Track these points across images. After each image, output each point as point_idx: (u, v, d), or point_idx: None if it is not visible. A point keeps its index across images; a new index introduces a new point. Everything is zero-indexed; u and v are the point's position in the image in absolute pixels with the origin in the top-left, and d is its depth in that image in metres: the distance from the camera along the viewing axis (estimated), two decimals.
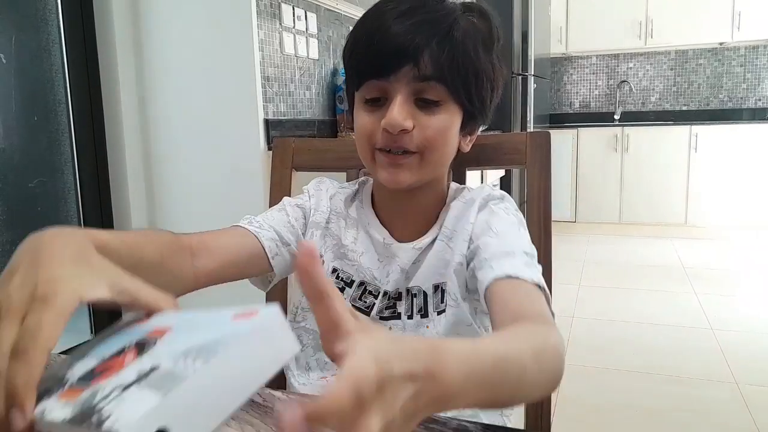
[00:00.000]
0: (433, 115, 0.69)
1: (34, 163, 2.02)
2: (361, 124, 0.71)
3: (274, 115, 2.13)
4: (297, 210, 0.81)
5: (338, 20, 2.62)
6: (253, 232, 0.74)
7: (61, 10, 2.04)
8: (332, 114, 2.57)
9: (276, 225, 0.77)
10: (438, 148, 0.70)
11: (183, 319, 0.42)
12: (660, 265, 3.79)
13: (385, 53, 0.67)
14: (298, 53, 2.30)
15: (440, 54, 0.66)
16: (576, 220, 4.86)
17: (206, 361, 0.32)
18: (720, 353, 2.35)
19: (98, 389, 0.34)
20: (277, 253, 0.76)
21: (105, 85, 2.17)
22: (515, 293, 0.62)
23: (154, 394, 0.31)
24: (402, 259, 0.76)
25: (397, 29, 0.66)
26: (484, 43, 0.71)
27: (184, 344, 0.35)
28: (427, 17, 0.67)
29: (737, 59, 4.89)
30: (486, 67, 0.71)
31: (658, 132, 4.60)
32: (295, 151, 0.98)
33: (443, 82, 0.67)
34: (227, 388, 0.32)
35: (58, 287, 0.38)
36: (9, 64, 1.91)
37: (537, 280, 0.63)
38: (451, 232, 0.75)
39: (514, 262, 0.64)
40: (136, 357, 0.37)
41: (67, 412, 0.34)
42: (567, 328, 2.65)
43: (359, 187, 0.83)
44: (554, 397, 0.99)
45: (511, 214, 0.73)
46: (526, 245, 0.69)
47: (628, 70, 5.22)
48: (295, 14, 2.26)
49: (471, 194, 0.77)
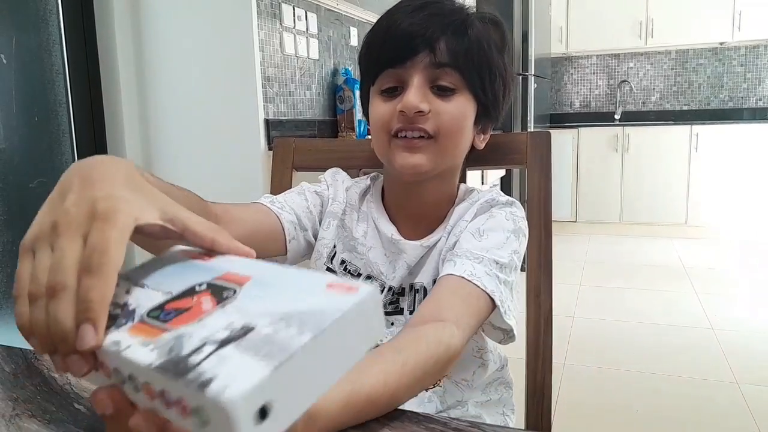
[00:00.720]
0: (449, 101, 0.70)
1: (34, 164, 2.02)
2: (377, 112, 0.72)
3: (275, 115, 2.13)
4: (316, 197, 0.81)
5: (339, 20, 2.62)
6: (275, 212, 0.75)
7: (62, 10, 2.04)
8: (333, 114, 2.57)
9: (296, 208, 0.78)
10: (453, 134, 0.71)
11: (262, 270, 0.37)
12: (660, 264, 3.79)
13: (401, 41, 0.69)
14: (298, 53, 2.30)
15: (456, 43, 0.68)
16: (576, 220, 4.86)
17: (314, 334, 0.29)
18: (720, 353, 2.35)
19: (182, 335, 0.31)
20: (294, 237, 0.76)
21: (105, 85, 2.17)
22: (452, 293, 0.64)
23: (259, 362, 0.28)
24: (409, 255, 0.76)
25: (413, 20, 0.69)
26: (497, 46, 0.73)
27: (277, 305, 0.32)
28: (442, 11, 0.70)
29: (738, 59, 4.88)
30: (499, 64, 0.73)
31: (658, 132, 4.60)
32: (295, 151, 0.98)
33: (458, 69, 0.69)
34: (327, 364, 0.30)
35: (118, 205, 0.35)
36: (9, 64, 1.92)
37: (489, 290, 0.64)
38: (452, 229, 0.75)
39: (478, 266, 0.66)
40: (217, 305, 0.34)
41: (152, 357, 0.30)
42: (567, 328, 2.65)
43: (371, 182, 0.84)
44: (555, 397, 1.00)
45: (510, 220, 0.73)
46: (504, 255, 0.68)
47: (628, 70, 5.22)
48: (295, 14, 2.26)
49: (479, 196, 0.77)
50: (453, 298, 0.63)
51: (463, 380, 0.78)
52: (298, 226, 0.77)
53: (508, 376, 0.86)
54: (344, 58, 2.68)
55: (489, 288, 0.64)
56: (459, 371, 0.78)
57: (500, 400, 0.85)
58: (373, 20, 3.16)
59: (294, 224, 0.76)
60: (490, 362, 0.80)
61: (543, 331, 0.84)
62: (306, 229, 0.78)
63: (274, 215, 0.74)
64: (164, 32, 2.14)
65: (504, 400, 0.85)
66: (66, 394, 0.53)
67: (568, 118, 5.32)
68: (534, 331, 0.84)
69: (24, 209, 1.97)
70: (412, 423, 0.48)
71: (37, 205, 0.39)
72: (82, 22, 2.10)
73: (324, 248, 0.79)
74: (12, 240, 1.93)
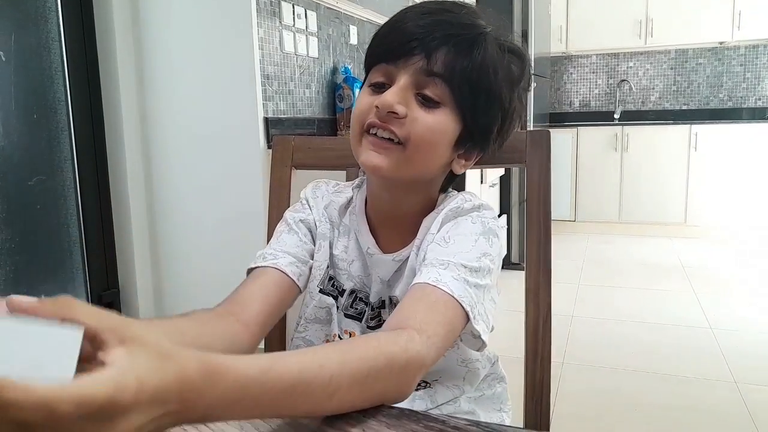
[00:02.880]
0: (429, 113, 0.66)
1: (33, 161, 2.01)
2: (359, 103, 0.70)
3: (274, 113, 2.13)
4: (303, 227, 0.80)
5: (338, 18, 2.62)
6: (272, 265, 0.74)
7: (61, 7, 2.04)
8: (332, 112, 2.57)
9: (290, 249, 0.77)
10: (423, 146, 0.67)
11: None
12: (659, 264, 3.79)
13: (400, 39, 0.66)
14: (297, 51, 2.29)
15: (455, 57, 0.65)
16: (575, 219, 4.87)
17: None
18: (719, 353, 2.36)
19: None
20: (301, 273, 0.75)
21: (105, 83, 2.17)
22: (416, 300, 0.61)
23: None
24: (382, 270, 0.75)
25: (420, 22, 0.66)
26: (509, 77, 0.69)
27: None
28: (455, 23, 0.66)
29: (737, 58, 4.89)
30: (501, 95, 0.68)
31: (657, 131, 4.60)
32: (295, 149, 0.97)
33: (449, 84, 0.65)
34: None
35: None
36: (8, 61, 1.91)
37: (457, 295, 0.61)
38: (420, 242, 0.73)
39: (443, 272, 0.63)
40: None
41: None
42: (566, 327, 2.65)
43: (355, 191, 0.82)
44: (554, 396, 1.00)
45: (477, 223, 0.69)
46: (472, 258, 0.65)
47: (628, 69, 5.22)
48: (295, 12, 2.26)
49: (446, 203, 0.74)
50: (417, 305, 0.60)
51: (454, 385, 0.78)
52: (300, 262, 0.76)
53: (501, 371, 0.85)
54: (344, 56, 2.68)
55: (456, 293, 0.61)
56: (448, 378, 0.77)
57: (494, 395, 0.84)
58: (373, 18, 3.17)
59: (294, 263, 0.75)
60: (479, 369, 0.79)
61: (542, 330, 0.84)
62: (307, 261, 0.77)
63: (272, 270, 0.73)
64: (163, 30, 2.13)
65: (498, 395, 0.85)
66: None
67: (567, 117, 5.32)
68: (533, 331, 0.84)
69: (23, 207, 1.97)
70: (411, 421, 0.48)
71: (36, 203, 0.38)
72: (81, 19, 2.10)
73: (317, 270, 0.79)
74: (11, 237, 1.93)
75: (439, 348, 0.58)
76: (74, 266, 2.17)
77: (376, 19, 3.03)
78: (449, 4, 0.69)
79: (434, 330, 0.57)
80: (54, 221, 2.08)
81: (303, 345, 0.81)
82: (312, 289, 0.79)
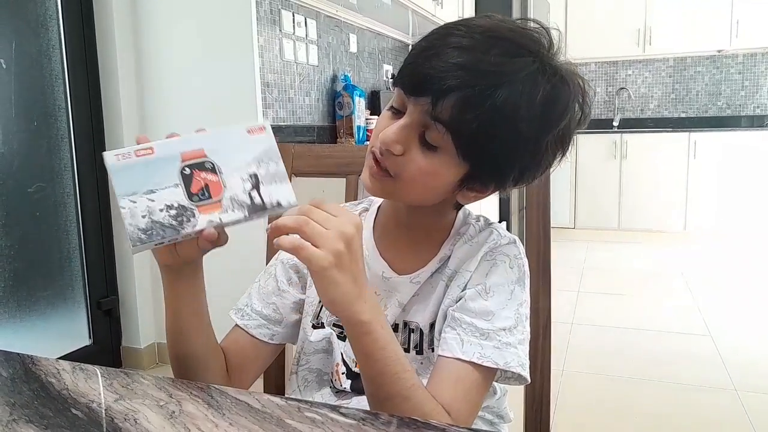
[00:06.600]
0: (426, 156, 0.64)
1: (33, 168, 2.02)
2: (378, 123, 0.70)
3: (274, 120, 2.14)
4: (288, 271, 0.79)
5: (338, 27, 2.63)
6: (241, 326, 0.77)
7: (62, 15, 2.05)
8: (332, 120, 2.58)
9: (262, 306, 0.78)
10: (413, 185, 0.66)
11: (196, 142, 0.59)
12: (658, 271, 3.79)
13: (414, 74, 0.64)
14: (297, 59, 2.30)
15: (462, 107, 0.60)
16: (575, 227, 4.87)
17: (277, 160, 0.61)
18: (719, 360, 2.35)
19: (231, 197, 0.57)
20: (273, 334, 0.77)
21: (105, 91, 2.18)
22: (444, 377, 0.65)
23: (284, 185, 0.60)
24: (401, 294, 0.74)
25: (441, 62, 0.61)
26: (542, 119, 0.63)
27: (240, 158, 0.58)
28: (474, 68, 0.60)
29: (735, 66, 4.91)
30: (518, 140, 0.63)
31: (656, 139, 4.62)
32: (295, 156, 0.98)
33: (452, 132, 0.62)
34: None
35: None
36: (9, 69, 1.92)
37: (502, 364, 0.66)
38: (453, 273, 0.72)
39: (485, 343, 0.66)
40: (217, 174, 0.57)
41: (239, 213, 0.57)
42: (566, 335, 2.65)
43: (361, 213, 0.80)
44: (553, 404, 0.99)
45: (515, 268, 0.71)
46: (510, 315, 0.68)
47: (626, 77, 5.24)
48: (295, 21, 2.27)
49: (479, 237, 0.73)
50: (456, 386, 0.65)
51: None
52: (271, 323, 0.77)
53: None
54: (343, 64, 2.69)
55: (501, 363, 0.66)
56: None
57: (494, 403, 0.83)
58: (372, 27, 3.18)
59: (264, 326, 0.77)
60: None
61: (542, 337, 0.84)
62: (281, 320, 0.78)
63: (242, 333, 0.77)
64: (164, 38, 2.14)
65: (497, 403, 0.84)
66: (63, 399, 0.53)
67: None
68: (532, 338, 0.83)
69: (23, 213, 1.97)
70: (410, 429, 0.48)
71: (36, 210, 0.39)
72: (82, 27, 2.11)
73: (310, 306, 0.78)
74: (11, 244, 1.92)
75: (467, 418, 0.65)
76: (74, 273, 2.17)
77: (376, 28, 3.04)
78: (487, 37, 0.63)
79: (463, 406, 0.64)
80: (53, 228, 2.08)
81: (308, 374, 0.80)
82: (306, 325, 0.78)
